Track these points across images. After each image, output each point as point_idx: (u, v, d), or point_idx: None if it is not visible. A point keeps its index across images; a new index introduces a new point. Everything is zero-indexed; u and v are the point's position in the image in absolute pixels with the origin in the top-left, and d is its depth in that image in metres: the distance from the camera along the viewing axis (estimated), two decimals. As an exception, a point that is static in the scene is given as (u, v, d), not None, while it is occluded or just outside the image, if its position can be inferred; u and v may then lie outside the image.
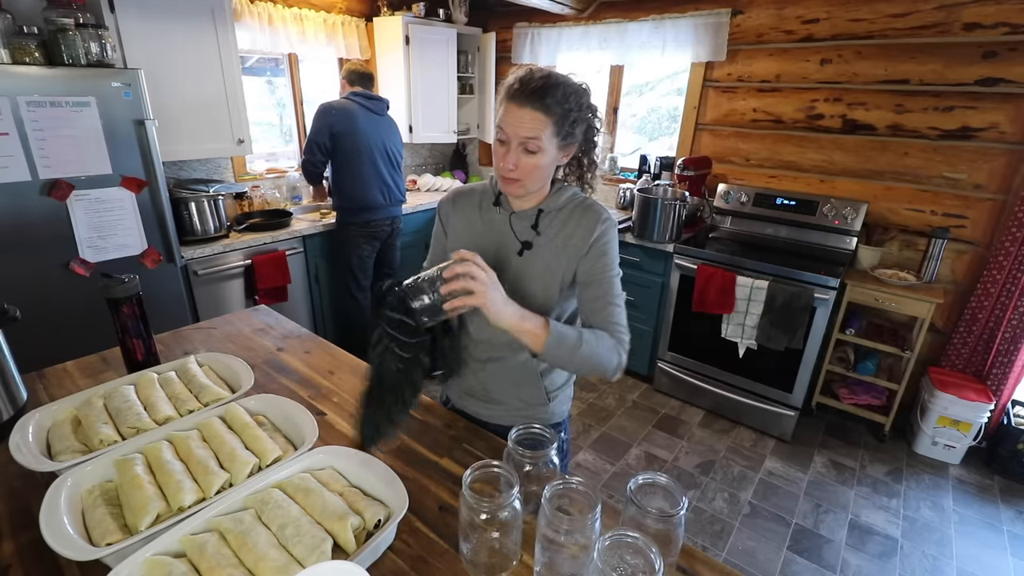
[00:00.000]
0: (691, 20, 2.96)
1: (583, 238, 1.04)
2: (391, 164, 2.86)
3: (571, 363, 0.97)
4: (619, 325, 1.03)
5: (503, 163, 0.97)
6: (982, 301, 2.41)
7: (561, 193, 1.08)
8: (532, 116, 0.93)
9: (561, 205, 1.07)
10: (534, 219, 1.07)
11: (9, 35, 1.83)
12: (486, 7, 3.83)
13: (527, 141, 0.95)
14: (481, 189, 1.15)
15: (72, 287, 2.04)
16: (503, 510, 0.73)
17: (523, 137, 0.95)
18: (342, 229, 2.87)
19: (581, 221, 1.05)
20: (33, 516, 0.77)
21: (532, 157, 0.96)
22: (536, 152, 0.96)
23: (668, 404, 2.95)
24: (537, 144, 0.95)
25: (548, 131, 0.95)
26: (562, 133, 0.97)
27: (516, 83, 0.95)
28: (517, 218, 1.08)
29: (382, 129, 2.81)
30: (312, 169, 2.77)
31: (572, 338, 0.95)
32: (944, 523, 2.18)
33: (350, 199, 2.79)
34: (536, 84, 0.93)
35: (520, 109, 0.94)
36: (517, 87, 0.94)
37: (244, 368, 1.20)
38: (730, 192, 2.99)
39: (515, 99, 0.94)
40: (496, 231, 1.10)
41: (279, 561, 0.72)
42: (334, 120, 2.64)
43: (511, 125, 0.95)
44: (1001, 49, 2.24)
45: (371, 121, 2.75)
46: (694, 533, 2.08)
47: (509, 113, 0.95)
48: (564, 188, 1.09)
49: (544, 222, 1.07)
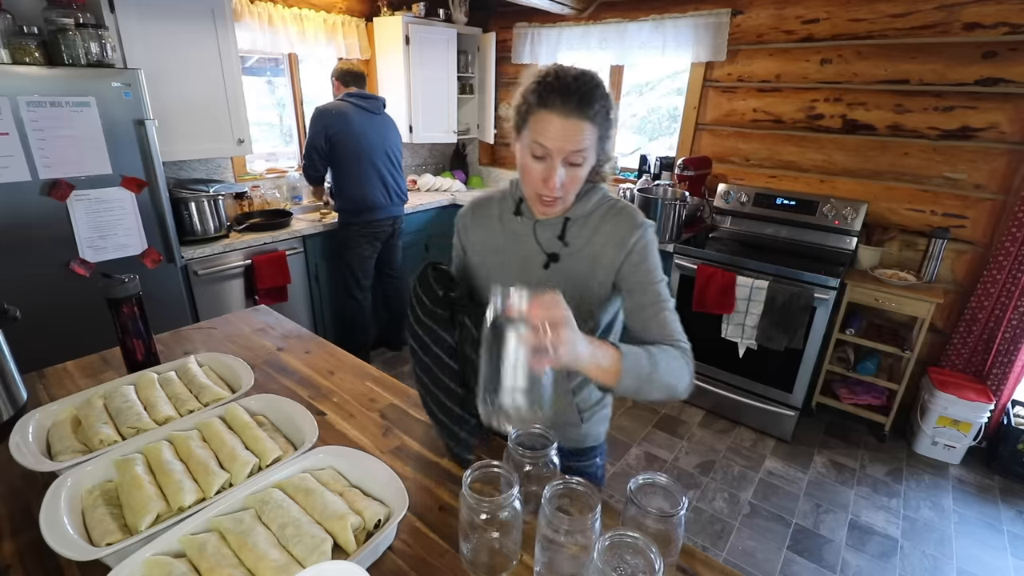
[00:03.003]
0: (691, 20, 2.96)
1: (617, 247, 0.93)
2: (391, 163, 2.86)
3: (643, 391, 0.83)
4: (678, 334, 0.92)
5: (548, 184, 0.85)
6: (982, 301, 2.41)
7: (589, 197, 0.96)
8: (579, 127, 0.82)
9: (590, 211, 0.96)
10: (560, 228, 0.96)
11: (9, 35, 1.83)
12: (486, 7, 3.83)
13: (575, 154, 0.83)
14: (499, 197, 1.05)
15: (72, 287, 2.04)
16: (503, 510, 0.73)
17: (570, 151, 0.83)
18: (343, 229, 2.87)
19: (615, 228, 0.94)
20: (33, 516, 0.77)
21: (576, 170, 0.86)
22: (581, 165, 0.86)
23: (668, 404, 2.95)
24: (584, 156, 0.85)
25: (593, 139, 0.85)
26: (604, 137, 0.87)
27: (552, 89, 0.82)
28: (542, 227, 0.98)
29: (379, 128, 2.80)
30: (312, 173, 2.78)
31: (646, 365, 0.82)
32: (944, 523, 2.18)
33: (351, 200, 2.78)
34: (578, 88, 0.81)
35: (565, 120, 0.81)
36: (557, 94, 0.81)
37: (244, 368, 1.20)
38: (730, 192, 2.99)
39: (556, 108, 0.81)
40: (519, 243, 0.99)
41: (279, 561, 0.72)
42: (329, 123, 2.63)
43: (555, 139, 0.82)
44: (1001, 49, 2.24)
45: (368, 121, 2.74)
46: (694, 533, 2.08)
47: (551, 125, 0.82)
48: (592, 191, 0.97)
49: (572, 231, 0.96)
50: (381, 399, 1.26)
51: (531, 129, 0.85)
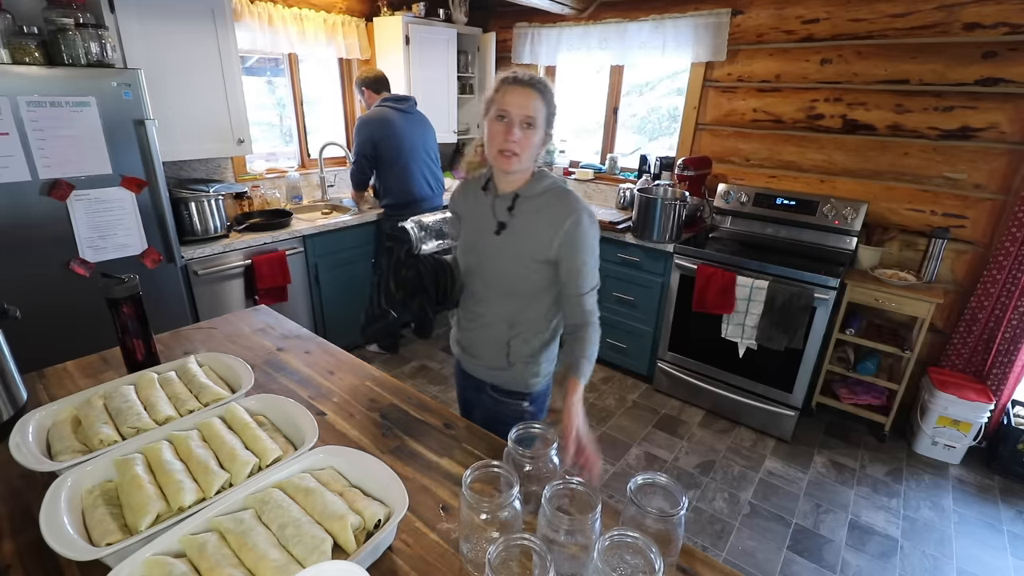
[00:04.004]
0: (691, 20, 2.96)
1: (554, 227, 1.14)
2: (429, 158, 3.03)
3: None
4: (592, 314, 1.20)
5: (507, 137, 1.09)
6: (982, 301, 2.41)
7: (540, 181, 1.18)
8: (532, 96, 1.08)
9: (539, 192, 1.18)
10: (511, 202, 1.18)
11: (9, 35, 1.83)
12: (486, 7, 3.83)
13: (528, 118, 1.08)
14: (476, 179, 1.29)
15: (72, 287, 2.04)
16: (503, 510, 0.73)
17: (524, 114, 1.08)
18: (390, 221, 3.00)
19: (554, 210, 1.15)
20: (33, 516, 0.77)
21: (529, 132, 1.09)
22: (534, 128, 1.10)
23: (668, 404, 2.95)
24: (535, 121, 1.09)
25: (542, 113, 1.10)
26: (549, 118, 1.12)
27: (513, 74, 1.10)
28: (499, 201, 1.20)
29: (417, 127, 2.96)
30: (361, 178, 3.00)
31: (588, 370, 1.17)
32: (944, 523, 2.18)
33: (399, 195, 2.95)
34: (531, 76, 1.10)
35: (523, 90, 1.08)
36: (514, 76, 1.10)
37: (244, 368, 1.20)
38: (730, 192, 2.99)
39: (516, 84, 1.09)
40: (481, 213, 1.23)
41: (279, 561, 0.72)
42: (375, 130, 2.82)
43: (514, 104, 1.08)
44: (1001, 49, 2.24)
45: (406, 121, 2.90)
46: (694, 533, 2.08)
47: (511, 94, 1.08)
48: (543, 176, 1.19)
49: (520, 206, 1.18)
50: (381, 399, 1.26)
51: (495, 104, 1.11)
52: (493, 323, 1.26)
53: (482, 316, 1.28)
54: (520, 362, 1.28)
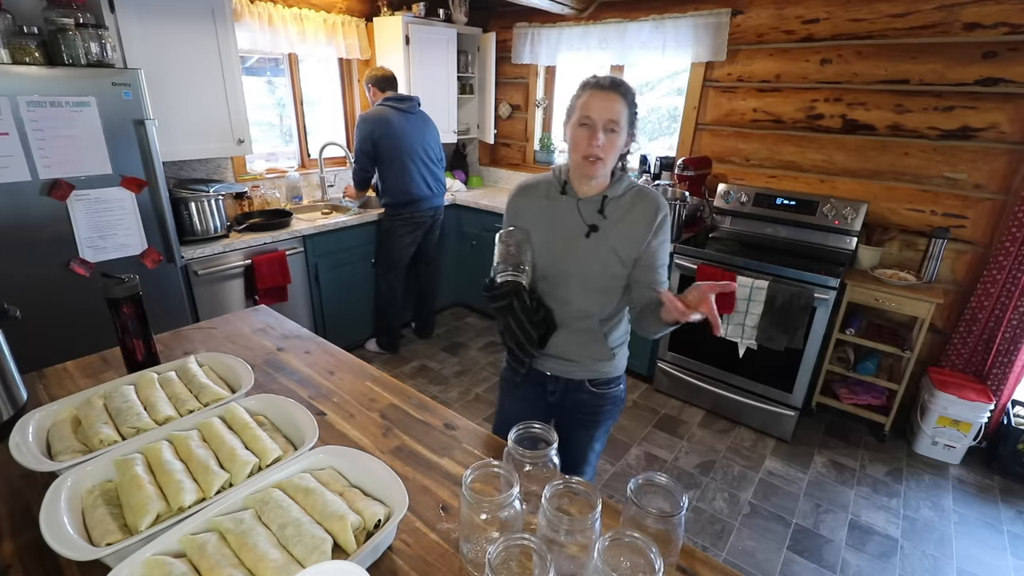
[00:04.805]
0: (691, 20, 2.96)
1: (647, 225, 1.19)
2: (428, 158, 3.05)
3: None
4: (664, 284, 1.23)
5: (592, 143, 1.11)
6: (982, 301, 2.41)
7: (621, 182, 1.22)
8: (614, 99, 1.10)
9: (622, 192, 1.22)
10: (600, 204, 1.21)
11: (9, 35, 1.83)
12: (486, 7, 3.83)
13: (611, 122, 1.10)
14: (545, 182, 1.28)
15: (72, 287, 2.04)
16: (503, 510, 0.73)
17: (607, 119, 1.10)
18: (389, 220, 3.06)
19: (644, 209, 1.20)
20: (33, 516, 0.77)
21: (613, 137, 1.12)
22: (617, 132, 1.12)
23: (668, 404, 2.95)
24: (619, 125, 1.11)
25: (625, 116, 1.12)
26: (631, 121, 1.14)
27: (595, 79, 1.13)
28: (584, 204, 1.22)
29: (417, 127, 2.98)
30: (362, 175, 3.01)
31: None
32: (944, 523, 2.18)
33: (397, 195, 2.99)
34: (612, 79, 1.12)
35: (605, 94, 1.10)
36: (596, 81, 1.12)
37: (244, 368, 1.20)
38: (730, 192, 2.99)
39: (599, 88, 1.11)
40: (564, 217, 1.24)
41: (279, 561, 0.72)
42: (373, 128, 2.85)
43: (597, 110, 1.10)
44: (1001, 49, 2.24)
45: (406, 121, 2.92)
46: (694, 533, 2.08)
47: (594, 99, 1.10)
48: (622, 178, 1.23)
49: (609, 207, 1.21)
50: (381, 399, 1.26)
51: (578, 110, 1.13)
52: (590, 321, 1.28)
53: (577, 318, 1.28)
54: (617, 347, 1.34)
